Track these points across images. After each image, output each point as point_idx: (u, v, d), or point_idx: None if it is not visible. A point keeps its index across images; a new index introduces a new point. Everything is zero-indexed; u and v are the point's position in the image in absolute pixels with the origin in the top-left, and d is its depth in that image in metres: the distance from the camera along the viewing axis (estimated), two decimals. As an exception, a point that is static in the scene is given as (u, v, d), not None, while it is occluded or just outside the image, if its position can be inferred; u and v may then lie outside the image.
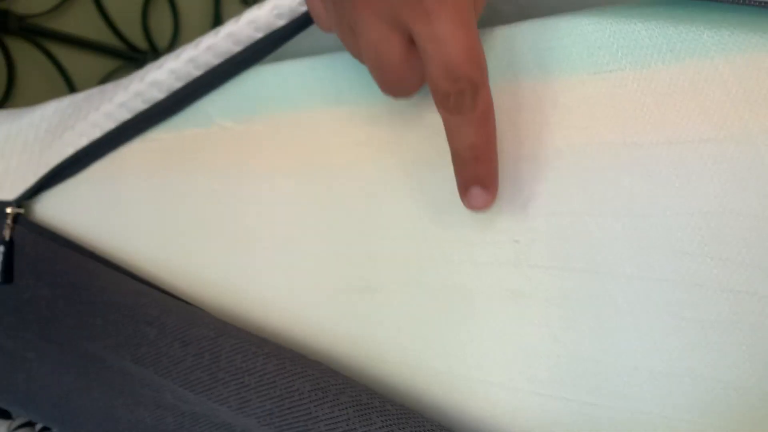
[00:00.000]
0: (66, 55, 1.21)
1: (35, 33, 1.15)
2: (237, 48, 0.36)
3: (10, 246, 0.44)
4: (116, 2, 1.32)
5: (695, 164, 0.26)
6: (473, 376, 0.30)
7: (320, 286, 0.34)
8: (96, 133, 0.41)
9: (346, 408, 0.28)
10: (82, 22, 1.25)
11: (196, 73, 0.38)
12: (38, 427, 0.49)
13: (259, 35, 0.35)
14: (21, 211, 0.45)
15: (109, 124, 0.40)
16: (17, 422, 0.49)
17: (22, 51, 1.14)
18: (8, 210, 0.44)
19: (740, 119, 0.26)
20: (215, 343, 0.34)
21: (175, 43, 1.44)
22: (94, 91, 0.44)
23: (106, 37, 1.30)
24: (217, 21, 1.54)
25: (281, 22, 0.34)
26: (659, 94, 0.27)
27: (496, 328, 0.30)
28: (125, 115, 0.39)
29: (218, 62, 0.37)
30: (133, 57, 1.34)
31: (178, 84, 0.38)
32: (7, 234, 0.44)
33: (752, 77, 0.25)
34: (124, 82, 0.41)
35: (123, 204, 0.42)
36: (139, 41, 1.37)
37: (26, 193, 0.44)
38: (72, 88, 1.20)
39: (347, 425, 0.28)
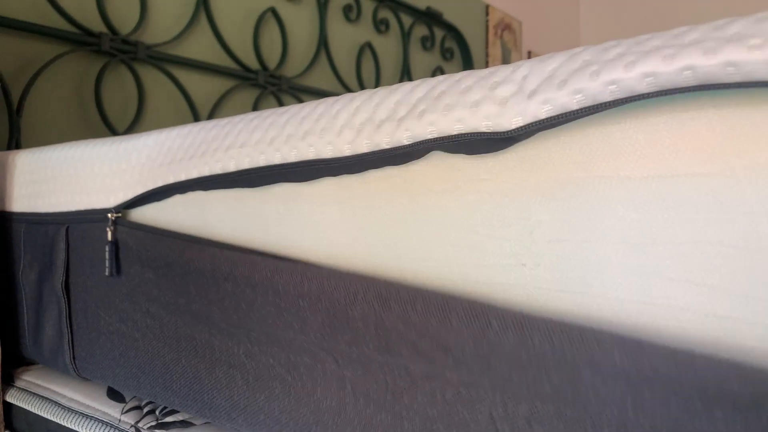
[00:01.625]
0: (187, 78, 1.34)
1: (161, 60, 1.28)
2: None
3: (114, 244, 0.53)
4: (231, 28, 1.44)
5: (683, 196, 0.28)
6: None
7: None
8: (207, 172, 0.47)
9: None
10: (201, 47, 1.38)
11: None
12: (146, 409, 0.57)
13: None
14: (119, 215, 0.53)
15: (211, 170, 0.46)
16: (129, 405, 0.58)
17: (150, 76, 1.27)
18: (109, 215, 0.53)
19: (724, 156, 0.27)
20: (274, 284, 0.41)
21: (283, 62, 1.54)
22: (194, 132, 0.51)
23: (222, 59, 1.42)
24: (323, 40, 1.63)
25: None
26: (650, 131, 0.29)
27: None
28: (228, 167, 0.45)
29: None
30: (247, 77, 1.45)
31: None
32: (109, 235, 0.53)
33: (735, 117, 0.27)
34: (221, 142, 0.47)
35: (208, 226, 0.49)
36: (252, 62, 1.48)
37: (125, 203, 0.53)
38: (192, 107, 1.32)
39: None
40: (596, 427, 0.29)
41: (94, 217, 0.57)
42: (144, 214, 0.54)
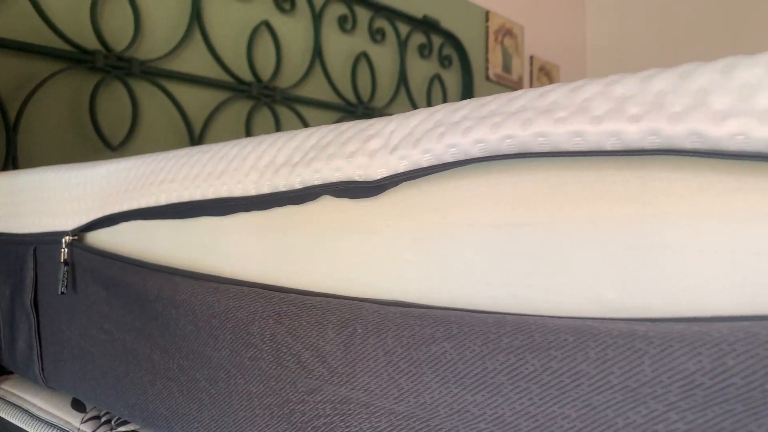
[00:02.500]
0: (181, 91, 1.39)
1: (154, 74, 1.33)
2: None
3: (67, 264, 0.59)
4: (224, 41, 1.48)
5: (515, 243, 0.32)
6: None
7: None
8: (144, 204, 0.52)
9: None
10: (194, 61, 1.43)
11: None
12: (104, 419, 0.61)
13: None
14: (75, 238, 0.58)
15: (147, 203, 0.51)
16: (89, 415, 0.63)
17: (144, 90, 1.33)
18: (65, 238, 0.58)
19: (547, 209, 0.31)
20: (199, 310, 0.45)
21: (277, 73, 1.59)
22: (147, 167, 0.55)
23: (216, 72, 1.47)
24: (317, 51, 1.67)
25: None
26: (491, 184, 0.33)
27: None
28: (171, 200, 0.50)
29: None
30: (240, 89, 1.50)
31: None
32: (62, 256, 0.58)
33: (554, 178, 0.31)
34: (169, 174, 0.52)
35: (152, 251, 0.53)
36: (245, 74, 1.53)
37: (82, 227, 0.57)
38: (186, 119, 1.37)
39: None
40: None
41: (55, 239, 0.61)
42: (99, 238, 0.58)
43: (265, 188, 0.42)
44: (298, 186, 0.40)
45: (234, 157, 0.44)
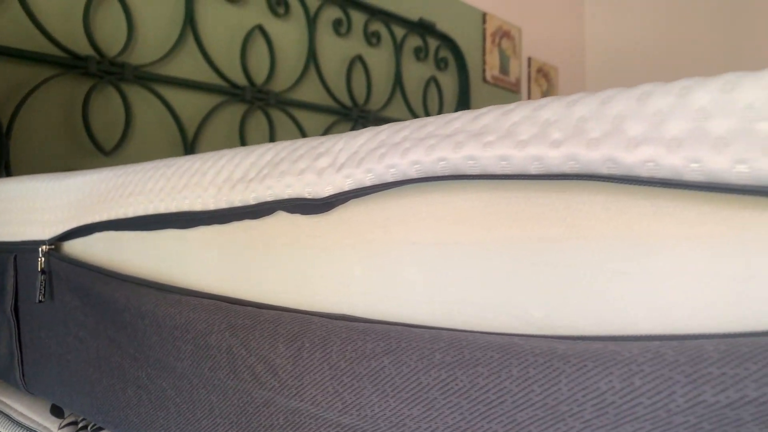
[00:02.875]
0: (174, 96, 1.41)
1: (147, 79, 1.34)
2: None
3: (44, 273, 0.60)
4: (218, 45, 1.50)
5: (452, 261, 0.33)
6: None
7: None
8: (114, 216, 0.53)
9: None
10: (188, 65, 1.44)
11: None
12: (80, 425, 0.63)
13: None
14: (52, 247, 0.59)
15: (116, 215, 0.52)
16: (66, 420, 0.64)
17: (137, 95, 1.34)
18: (43, 247, 0.59)
19: (478, 229, 0.32)
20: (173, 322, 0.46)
21: (271, 77, 1.60)
22: (120, 178, 0.56)
23: (209, 77, 1.48)
24: (312, 54, 1.68)
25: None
26: (430, 203, 0.34)
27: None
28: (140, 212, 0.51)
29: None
30: (234, 93, 1.51)
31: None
32: (39, 265, 0.59)
33: (485, 198, 0.31)
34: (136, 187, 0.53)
35: (123, 261, 0.54)
36: (239, 78, 1.54)
37: (58, 236, 0.58)
38: (179, 124, 1.38)
39: None
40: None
41: (34, 248, 0.63)
42: (74, 248, 0.59)
43: (223, 203, 0.42)
44: (252, 202, 0.41)
45: (195, 172, 0.45)
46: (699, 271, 0.25)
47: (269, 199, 0.40)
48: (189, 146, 1.42)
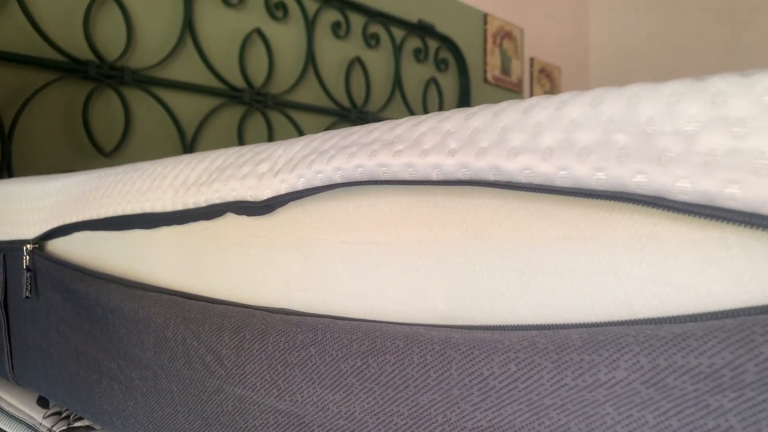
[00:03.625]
0: (173, 99, 1.44)
1: (147, 83, 1.38)
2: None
3: (29, 270, 0.63)
4: (217, 49, 1.53)
5: (374, 259, 0.36)
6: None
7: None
8: (89, 216, 0.56)
9: None
10: (187, 68, 1.48)
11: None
12: (63, 415, 0.66)
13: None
14: (36, 246, 0.63)
15: (90, 216, 0.56)
16: (51, 410, 0.67)
17: (136, 98, 1.38)
18: (28, 246, 0.63)
19: (398, 230, 0.35)
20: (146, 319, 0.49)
21: (270, 79, 1.63)
22: (98, 181, 0.60)
23: (208, 79, 1.51)
24: (310, 57, 1.72)
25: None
26: (357, 205, 0.37)
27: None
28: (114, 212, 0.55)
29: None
30: (233, 95, 1.54)
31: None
32: (24, 263, 0.62)
33: (403, 201, 0.34)
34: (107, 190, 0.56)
35: (99, 259, 0.58)
36: (238, 81, 1.57)
37: (41, 236, 0.62)
38: (178, 126, 1.42)
39: None
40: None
41: (20, 246, 0.66)
42: (56, 246, 0.63)
43: (179, 205, 0.46)
44: (203, 204, 0.44)
45: (157, 176, 0.49)
46: (571, 269, 0.28)
47: (217, 201, 0.43)
48: (188, 148, 1.46)
